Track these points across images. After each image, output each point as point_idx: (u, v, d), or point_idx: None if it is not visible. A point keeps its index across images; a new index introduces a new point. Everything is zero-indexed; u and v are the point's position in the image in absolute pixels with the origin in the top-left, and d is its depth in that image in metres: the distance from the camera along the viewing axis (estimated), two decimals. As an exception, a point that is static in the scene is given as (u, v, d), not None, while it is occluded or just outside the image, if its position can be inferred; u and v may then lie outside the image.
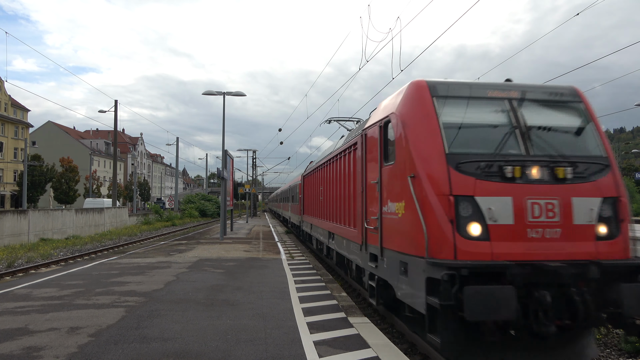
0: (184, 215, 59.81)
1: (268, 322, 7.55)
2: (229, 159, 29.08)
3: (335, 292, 10.39)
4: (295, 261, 15.90)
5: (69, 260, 19.77)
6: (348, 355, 6.01)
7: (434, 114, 6.59)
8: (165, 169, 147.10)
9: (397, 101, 7.35)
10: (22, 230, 27.45)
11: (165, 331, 7.02)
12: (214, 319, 7.74)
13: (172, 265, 14.64)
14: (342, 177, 11.51)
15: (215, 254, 18.07)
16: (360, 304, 11.12)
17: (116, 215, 42.82)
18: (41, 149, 73.59)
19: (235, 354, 5.98)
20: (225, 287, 10.74)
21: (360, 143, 9.24)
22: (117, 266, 14.56)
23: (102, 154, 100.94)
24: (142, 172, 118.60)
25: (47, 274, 13.65)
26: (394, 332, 8.84)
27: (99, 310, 8.41)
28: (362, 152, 9.10)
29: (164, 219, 51.11)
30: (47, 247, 23.80)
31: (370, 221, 8.47)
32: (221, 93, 27.95)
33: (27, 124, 78.07)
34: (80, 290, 10.34)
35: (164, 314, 8.11)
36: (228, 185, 27.89)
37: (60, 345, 6.33)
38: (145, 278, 11.98)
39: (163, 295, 9.69)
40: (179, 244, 23.35)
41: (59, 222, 31.73)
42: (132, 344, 6.40)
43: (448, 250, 5.82)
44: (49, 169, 66.30)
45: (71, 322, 7.54)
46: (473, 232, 5.89)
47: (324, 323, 7.59)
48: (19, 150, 72.81)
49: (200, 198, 71.38)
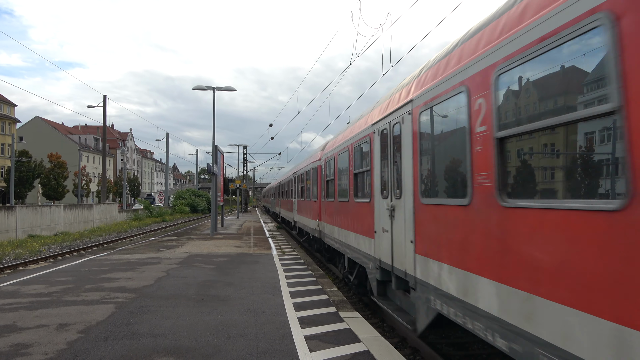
0: (175, 211, 59.53)
1: (259, 318, 7.55)
2: (220, 154, 28.95)
3: (326, 287, 10.41)
4: (287, 256, 15.90)
5: (58, 256, 19.59)
6: (339, 349, 6.03)
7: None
8: (155, 165, 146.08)
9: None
10: (9, 226, 27.13)
11: (155, 327, 6.99)
12: (205, 315, 7.73)
13: (162, 261, 14.57)
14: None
15: (206, 249, 18.01)
16: (351, 299, 11.16)
17: (106, 211, 42.49)
18: (29, 145, 72.64)
19: (226, 349, 5.98)
20: (216, 282, 10.72)
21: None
22: (107, 262, 14.46)
23: (91, 149, 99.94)
24: (131, 168, 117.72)
25: (35, 270, 13.53)
26: (384, 326, 8.89)
27: (89, 306, 8.35)
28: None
29: (154, 214, 50.81)
30: (35, 244, 23.56)
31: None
32: (211, 88, 27.78)
33: (14, 119, 76.99)
34: (69, 287, 10.26)
35: (154, 310, 8.08)
36: (219, 181, 27.78)
37: (49, 342, 6.28)
38: (135, 274, 11.92)
39: (153, 291, 9.65)
40: (170, 239, 23.24)
41: (47, 219, 31.41)
42: (122, 340, 6.37)
43: None
44: (37, 165, 65.56)
45: (60, 319, 7.49)
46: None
47: (314, 318, 7.61)
48: (5, 146, 71.84)
49: (190, 194, 71.08)
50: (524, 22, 3.86)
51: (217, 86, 27.90)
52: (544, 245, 3.54)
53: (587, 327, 3.09)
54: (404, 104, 6.73)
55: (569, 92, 3.50)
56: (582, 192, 3.39)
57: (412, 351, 7.33)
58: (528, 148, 4.07)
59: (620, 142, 2.90)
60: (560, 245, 3.37)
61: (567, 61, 3.43)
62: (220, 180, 29.79)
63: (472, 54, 4.78)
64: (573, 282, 3.25)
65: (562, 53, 3.44)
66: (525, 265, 3.77)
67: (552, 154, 3.78)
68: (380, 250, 8.02)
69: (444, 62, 5.60)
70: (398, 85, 8.03)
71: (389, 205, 7.44)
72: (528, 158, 4.07)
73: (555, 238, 3.43)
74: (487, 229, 4.36)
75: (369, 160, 8.80)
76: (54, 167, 70.08)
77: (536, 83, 3.76)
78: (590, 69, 3.24)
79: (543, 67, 3.68)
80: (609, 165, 3.15)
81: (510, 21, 4.17)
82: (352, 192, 10.27)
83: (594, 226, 3.07)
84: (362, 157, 9.54)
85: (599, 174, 3.28)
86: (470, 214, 4.70)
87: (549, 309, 3.46)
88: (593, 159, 3.34)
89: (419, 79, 6.47)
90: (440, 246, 5.45)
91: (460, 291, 4.87)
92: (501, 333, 4.08)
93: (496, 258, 4.19)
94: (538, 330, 3.58)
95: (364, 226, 9.21)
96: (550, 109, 3.66)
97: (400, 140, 6.93)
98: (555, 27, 3.43)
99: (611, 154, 3.10)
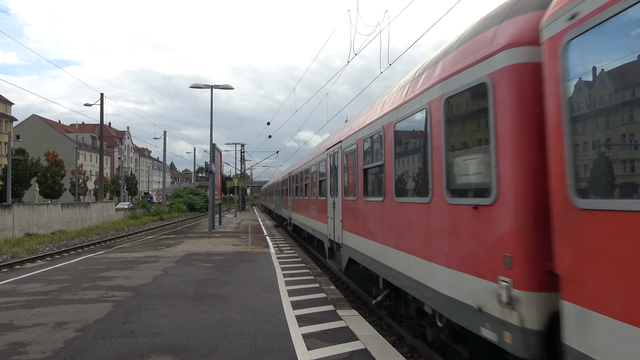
0: (172, 210, 59.45)
1: (257, 316, 7.55)
2: (217, 152, 28.91)
3: (324, 285, 10.41)
4: (284, 255, 15.89)
5: (55, 255, 19.54)
6: (337, 347, 6.04)
7: None
8: (152, 163, 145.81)
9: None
10: (6, 225, 27.05)
11: (153, 325, 6.98)
12: (203, 313, 7.72)
13: (160, 259, 14.55)
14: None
15: (204, 248, 17.99)
16: (349, 297, 11.17)
17: (103, 210, 42.40)
18: (26, 143, 72.42)
19: (224, 348, 5.97)
20: (214, 281, 10.71)
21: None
22: (104, 261, 14.43)
23: (88, 148, 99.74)
24: (129, 166, 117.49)
25: (32, 269, 13.49)
26: (382, 324, 8.90)
27: (86, 305, 8.34)
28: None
29: (152, 213, 50.73)
30: (32, 242, 23.49)
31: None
32: (209, 86, 27.74)
33: (10, 117, 76.70)
34: (66, 285, 10.24)
35: (152, 308, 8.07)
36: (216, 179, 27.74)
37: (46, 341, 6.26)
38: (132, 273, 11.90)
39: (151, 290, 9.64)
40: (167, 238, 23.21)
41: (44, 217, 31.33)
42: (120, 338, 6.36)
43: None
44: (33, 163, 65.40)
45: (57, 318, 7.47)
46: None
47: (312, 316, 7.61)
48: (2, 144, 71.58)
49: (188, 192, 70.99)
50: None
51: (215, 84, 27.88)
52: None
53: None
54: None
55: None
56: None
57: (410, 349, 7.34)
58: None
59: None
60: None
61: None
62: (218, 178, 29.75)
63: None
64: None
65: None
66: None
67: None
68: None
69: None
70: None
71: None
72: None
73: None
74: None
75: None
76: (51, 166, 69.92)
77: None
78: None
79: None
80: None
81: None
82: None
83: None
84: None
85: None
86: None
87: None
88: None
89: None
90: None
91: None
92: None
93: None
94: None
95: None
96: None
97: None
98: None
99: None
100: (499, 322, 4.06)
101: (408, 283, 6.29)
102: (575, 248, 3.30)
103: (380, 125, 7.54)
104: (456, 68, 4.94)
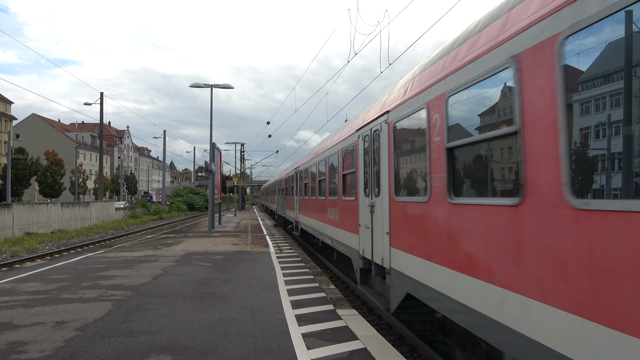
0: (172, 209, 59.44)
1: (256, 315, 7.55)
2: (217, 152, 28.90)
3: (323, 284, 10.42)
4: (284, 254, 15.90)
5: (55, 254, 19.54)
6: (336, 347, 6.04)
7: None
8: (152, 162, 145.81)
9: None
10: (6, 224, 27.04)
11: (152, 325, 6.98)
12: (202, 312, 7.72)
13: (159, 258, 14.55)
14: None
15: (203, 247, 17.99)
16: (348, 297, 11.17)
17: (103, 209, 42.39)
18: (25, 142, 72.42)
19: (224, 347, 5.97)
20: (214, 280, 10.71)
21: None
22: (104, 260, 14.43)
23: (88, 147, 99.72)
24: (128, 166, 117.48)
25: (32, 268, 13.49)
26: (382, 323, 8.90)
27: (86, 304, 8.34)
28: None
29: (152, 212, 50.73)
30: (32, 241, 23.49)
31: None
32: (208, 86, 27.74)
33: (10, 116, 76.70)
34: (66, 285, 10.24)
35: (152, 307, 8.07)
36: (216, 179, 27.74)
37: (46, 340, 6.26)
38: (132, 272, 11.90)
39: (150, 289, 9.64)
40: (167, 237, 23.21)
41: (44, 216, 31.32)
42: (119, 337, 6.36)
43: None
44: (33, 162, 65.37)
45: (57, 317, 7.47)
46: None
47: (312, 315, 7.61)
48: (2, 143, 71.57)
49: (188, 191, 70.98)
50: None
51: (215, 84, 27.88)
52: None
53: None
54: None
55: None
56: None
57: (410, 349, 7.34)
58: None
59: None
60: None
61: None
62: (218, 178, 29.75)
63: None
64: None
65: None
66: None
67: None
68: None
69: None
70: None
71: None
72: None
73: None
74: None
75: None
76: (51, 165, 69.91)
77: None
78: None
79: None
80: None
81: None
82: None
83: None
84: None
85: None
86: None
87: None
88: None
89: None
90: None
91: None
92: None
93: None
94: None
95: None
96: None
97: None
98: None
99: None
100: None
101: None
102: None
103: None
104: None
